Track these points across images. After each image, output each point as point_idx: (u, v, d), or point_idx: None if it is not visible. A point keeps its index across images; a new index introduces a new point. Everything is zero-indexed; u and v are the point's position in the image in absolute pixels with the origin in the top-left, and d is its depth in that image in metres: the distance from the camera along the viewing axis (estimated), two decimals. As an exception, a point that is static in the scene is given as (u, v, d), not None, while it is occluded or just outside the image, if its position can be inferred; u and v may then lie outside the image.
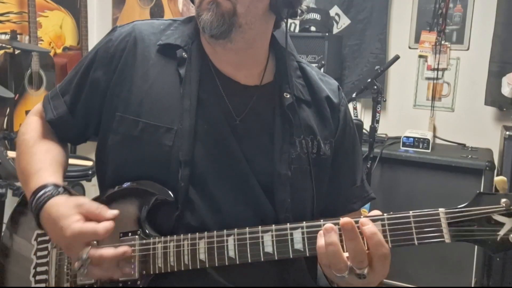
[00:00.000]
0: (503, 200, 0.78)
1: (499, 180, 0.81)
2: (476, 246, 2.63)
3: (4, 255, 1.15)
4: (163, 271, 0.96)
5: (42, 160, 1.05)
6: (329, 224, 0.83)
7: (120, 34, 1.08)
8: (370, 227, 0.81)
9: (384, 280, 2.71)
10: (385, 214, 0.84)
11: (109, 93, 1.05)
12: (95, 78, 1.07)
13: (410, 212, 0.82)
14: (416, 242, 0.82)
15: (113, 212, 0.94)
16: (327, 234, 0.82)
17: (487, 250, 0.79)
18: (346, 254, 0.83)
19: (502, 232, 0.78)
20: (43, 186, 0.98)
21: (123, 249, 0.93)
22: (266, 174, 1.02)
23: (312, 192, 1.06)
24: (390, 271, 0.88)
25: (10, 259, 1.14)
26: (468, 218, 0.79)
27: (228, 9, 0.96)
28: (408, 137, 2.88)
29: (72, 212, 0.92)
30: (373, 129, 2.65)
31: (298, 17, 1.06)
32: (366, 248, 0.81)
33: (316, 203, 1.06)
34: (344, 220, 0.81)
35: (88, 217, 0.93)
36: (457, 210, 0.81)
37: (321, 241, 0.84)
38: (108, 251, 0.91)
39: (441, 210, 0.81)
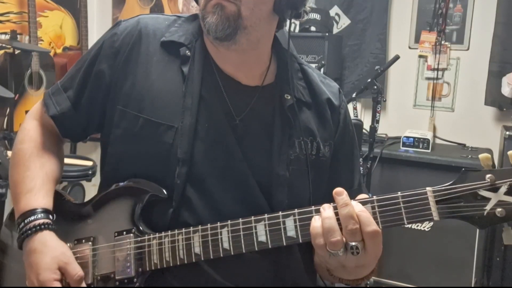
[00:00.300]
0: (488, 175, 0.80)
1: (483, 156, 0.83)
2: (476, 246, 2.64)
3: (3, 254, 1.15)
4: (159, 267, 0.96)
5: (36, 178, 1.05)
6: (326, 204, 0.86)
7: (125, 28, 1.08)
8: (359, 206, 0.84)
9: (384, 280, 2.71)
10: (374, 197, 0.86)
11: (113, 87, 1.05)
12: (99, 72, 1.07)
13: (399, 192, 0.85)
14: (405, 221, 0.84)
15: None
16: (324, 211, 0.86)
17: (475, 225, 0.81)
18: None
19: (488, 207, 0.79)
20: (33, 211, 1.01)
21: None
22: (265, 175, 1.02)
23: (310, 194, 1.06)
24: (390, 271, 0.88)
25: (9, 257, 1.14)
26: (455, 195, 0.81)
27: (233, 12, 0.96)
28: (408, 137, 2.88)
29: (54, 267, 0.96)
30: (373, 129, 2.65)
31: (301, 18, 1.06)
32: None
33: (312, 205, 1.06)
34: (336, 188, 0.86)
35: (65, 274, 0.97)
36: (444, 187, 0.82)
37: (316, 222, 0.86)
38: None
39: (428, 188, 0.83)
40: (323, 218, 0.85)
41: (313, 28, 3.08)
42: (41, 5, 3.32)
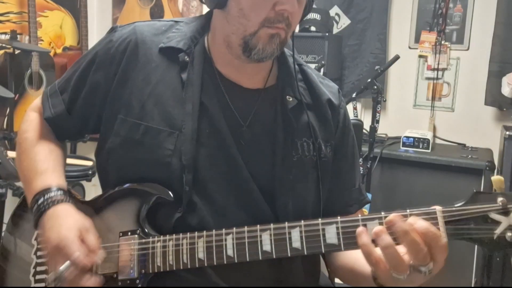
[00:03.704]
0: (500, 199, 0.78)
1: (496, 179, 0.81)
2: (476, 246, 2.63)
3: (4, 255, 1.15)
4: (162, 270, 0.96)
5: (47, 161, 1.07)
6: (377, 228, 0.80)
7: (121, 35, 1.07)
8: (421, 224, 0.78)
9: (384, 280, 2.71)
10: (382, 212, 0.83)
11: (110, 95, 1.05)
12: (95, 80, 1.06)
13: (407, 210, 0.82)
14: None
15: (100, 257, 0.96)
16: (379, 238, 0.79)
17: (484, 248, 0.80)
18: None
19: (498, 231, 0.78)
20: (49, 189, 1.00)
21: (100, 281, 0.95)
22: (267, 178, 1.01)
23: (313, 195, 1.06)
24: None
25: (10, 258, 1.14)
26: (465, 217, 0.79)
27: (284, 38, 0.98)
28: (408, 137, 2.88)
29: (75, 228, 0.95)
30: (373, 129, 2.65)
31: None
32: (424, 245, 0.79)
33: (321, 205, 1.06)
34: (389, 217, 0.80)
35: (83, 243, 0.95)
36: (454, 208, 0.80)
37: (363, 239, 0.81)
38: (89, 282, 0.93)
39: (438, 208, 0.81)
40: (382, 247, 0.79)
41: (313, 28, 3.08)
42: (41, 5, 3.31)
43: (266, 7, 0.94)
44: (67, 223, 0.95)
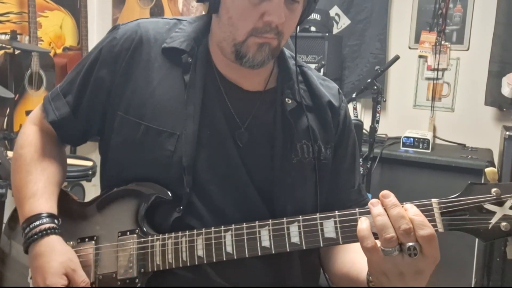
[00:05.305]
0: (494, 189, 0.79)
1: (489, 171, 0.82)
2: (476, 246, 2.64)
3: (1, 258, 1.15)
4: (161, 268, 0.96)
5: (38, 182, 1.05)
6: (374, 199, 0.83)
7: (124, 32, 1.06)
8: (413, 209, 0.80)
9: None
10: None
11: (113, 92, 1.04)
12: (99, 77, 1.05)
13: (404, 203, 0.83)
14: None
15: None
16: (374, 207, 0.81)
17: (479, 238, 0.81)
18: None
19: (493, 221, 0.79)
20: (38, 216, 1.00)
21: None
22: (266, 181, 1.01)
23: (312, 198, 1.06)
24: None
25: (8, 262, 1.14)
26: (460, 208, 0.81)
27: (275, 47, 0.97)
28: (408, 137, 2.89)
29: (61, 272, 0.96)
30: (373, 129, 2.65)
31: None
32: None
33: (319, 208, 1.06)
34: (383, 191, 0.83)
35: (71, 281, 0.96)
36: (449, 199, 0.82)
37: (362, 224, 0.81)
38: None
39: (434, 200, 0.82)
40: (374, 215, 0.80)
41: (313, 28, 3.08)
42: (41, 5, 3.32)
43: (254, 17, 0.93)
44: (51, 270, 0.96)
